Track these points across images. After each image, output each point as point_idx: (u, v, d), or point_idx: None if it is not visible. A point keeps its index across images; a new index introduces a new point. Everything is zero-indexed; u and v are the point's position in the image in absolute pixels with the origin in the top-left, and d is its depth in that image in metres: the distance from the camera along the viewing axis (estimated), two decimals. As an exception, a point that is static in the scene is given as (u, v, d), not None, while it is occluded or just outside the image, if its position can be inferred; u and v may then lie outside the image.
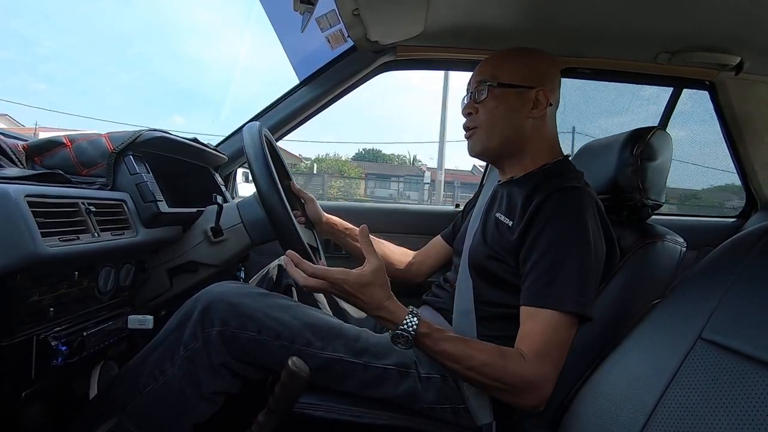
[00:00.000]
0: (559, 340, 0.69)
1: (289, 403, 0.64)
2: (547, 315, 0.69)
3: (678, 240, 0.84)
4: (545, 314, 0.69)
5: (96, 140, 0.87)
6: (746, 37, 1.01)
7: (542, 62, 0.87)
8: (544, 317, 0.69)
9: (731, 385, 0.49)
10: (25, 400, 0.65)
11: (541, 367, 0.67)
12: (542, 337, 0.69)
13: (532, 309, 0.71)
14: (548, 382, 0.68)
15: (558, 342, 0.69)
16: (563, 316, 0.69)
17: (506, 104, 0.84)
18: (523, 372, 0.67)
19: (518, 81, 0.84)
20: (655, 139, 0.88)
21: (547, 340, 0.68)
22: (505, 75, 0.85)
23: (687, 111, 1.42)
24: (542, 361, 0.68)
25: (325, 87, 1.31)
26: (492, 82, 0.85)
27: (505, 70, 0.85)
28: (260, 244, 1.00)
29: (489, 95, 0.85)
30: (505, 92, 0.84)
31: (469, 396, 0.75)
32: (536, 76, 0.84)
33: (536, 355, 0.68)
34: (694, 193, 3.53)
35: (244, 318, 0.72)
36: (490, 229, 0.85)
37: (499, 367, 0.67)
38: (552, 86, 0.86)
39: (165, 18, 60.45)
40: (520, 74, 0.84)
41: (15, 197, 0.57)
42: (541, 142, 0.87)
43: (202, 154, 1.13)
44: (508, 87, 0.84)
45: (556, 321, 0.69)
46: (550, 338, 0.68)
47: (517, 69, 0.85)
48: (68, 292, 0.69)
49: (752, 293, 0.56)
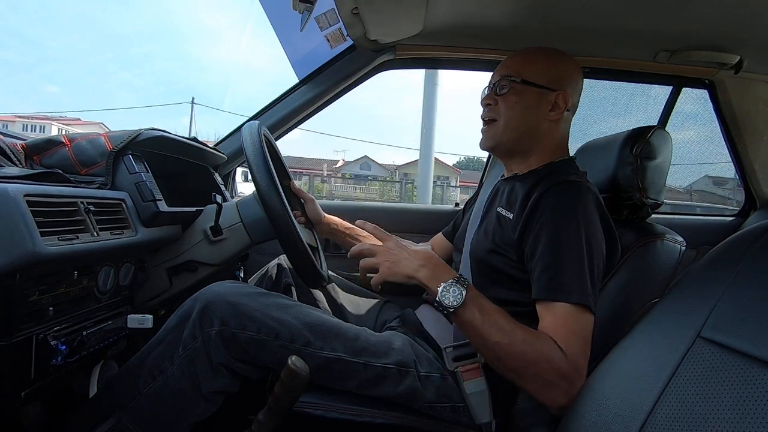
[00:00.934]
0: (581, 330, 0.68)
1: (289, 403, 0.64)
2: (563, 307, 0.68)
3: (677, 239, 0.84)
4: (560, 307, 0.69)
5: (95, 139, 0.87)
6: (745, 35, 1.01)
7: (568, 67, 0.87)
8: (562, 310, 0.68)
9: (730, 384, 0.49)
10: (25, 399, 0.65)
11: (574, 358, 0.65)
12: (565, 328, 0.67)
13: (545, 303, 0.70)
14: (580, 376, 0.66)
15: (581, 332, 0.68)
16: (576, 308, 0.68)
17: (526, 102, 0.85)
18: (558, 360, 0.65)
19: (542, 81, 0.85)
20: (655, 138, 0.88)
21: (569, 331, 0.67)
22: (530, 73, 0.85)
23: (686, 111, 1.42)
24: (573, 352, 0.65)
25: (324, 86, 1.30)
26: (516, 78, 0.85)
27: (531, 68, 0.86)
28: (259, 243, 1.00)
29: (511, 90, 0.86)
30: (527, 90, 0.85)
31: (469, 394, 0.75)
32: (560, 80, 0.85)
33: (566, 345, 0.66)
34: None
35: (243, 317, 0.72)
36: (491, 224, 0.85)
37: (537, 348, 0.65)
38: (573, 91, 0.86)
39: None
40: (544, 75, 0.85)
41: (14, 196, 0.57)
42: (551, 143, 0.87)
43: (202, 153, 1.13)
44: (531, 85, 0.85)
45: (573, 312, 0.68)
46: (573, 329, 0.67)
47: (543, 69, 0.85)
48: (67, 292, 0.69)
49: (752, 292, 0.56)
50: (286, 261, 1.08)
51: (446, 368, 0.78)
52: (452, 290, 0.67)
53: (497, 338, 0.66)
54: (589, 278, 0.70)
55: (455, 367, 0.77)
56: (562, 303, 0.68)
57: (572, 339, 0.67)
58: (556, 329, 0.68)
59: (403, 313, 1.01)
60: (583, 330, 0.68)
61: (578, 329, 0.68)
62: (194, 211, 0.99)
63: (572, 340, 0.67)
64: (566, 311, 0.68)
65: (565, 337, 0.67)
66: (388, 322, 1.02)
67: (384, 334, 0.84)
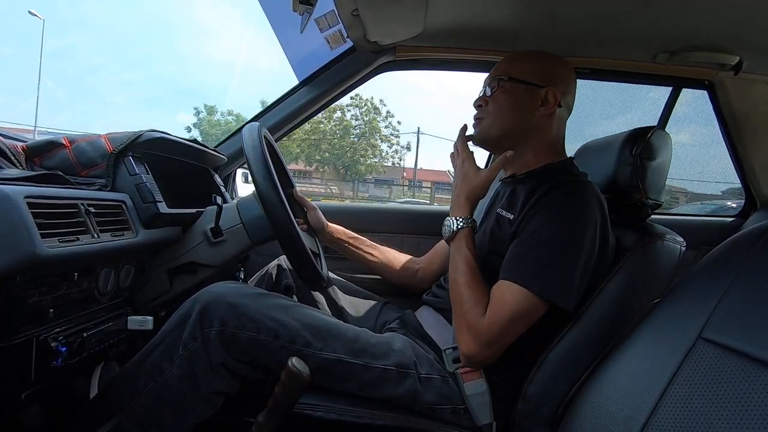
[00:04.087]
0: (514, 309, 0.71)
1: (289, 404, 0.64)
2: (510, 288, 0.72)
3: (677, 239, 0.84)
4: (508, 287, 0.72)
5: (95, 141, 0.87)
6: (745, 36, 1.01)
7: (557, 64, 0.89)
8: (506, 286, 0.73)
9: (731, 385, 0.49)
10: (25, 401, 0.65)
11: (490, 323, 0.71)
12: (498, 299, 0.72)
13: (500, 282, 0.74)
14: (487, 342, 0.71)
15: (512, 310, 0.71)
16: (527, 294, 0.71)
17: (514, 98, 0.86)
18: (474, 315, 0.73)
19: (530, 78, 0.86)
20: (655, 138, 0.88)
21: (502, 303, 0.72)
22: (517, 71, 0.87)
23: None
24: (493, 319, 0.71)
25: (324, 87, 1.31)
26: (504, 77, 0.87)
27: (518, 67, 0.87)
28: (260, 244, 1.00)
29: (499, 89, 0.87)
30: (515, 87, 0.86)
31: (469, 396, 0.75)
32: (548, 76, 0.86)
33: (491, 311, 0.72)
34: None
35: (243, 318, 0.72)
36: (491, 225, 0.86)
37: (466, 296, 0.75)
38: (564, 89, 0.87)
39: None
40: (532, 72, 0.86)
41: (14, 198, 0.57)
42: (544, 141, 0.88)
43: (202, 154, 1.13)
44: (519, 83, 0.86)
45: (515, 291, 0.71)
46: (506, 302, 0.71)
47: (530, 67, 0.87)
48: (68, 293, 0.69)
49: (752, 292, 0.56)
50: (286, 262, 1.08)
51: (446, 370, 0.78)
52: (452, 224, 0.81)
53: (453, 273, 0.79)
54: (557, 272, 0.71)
55: (455, 368, 0.77)
56: (509, 282, 0.72)
57: (501, 310, 0.71)
58: (493, 298, 0.74)
59: (403, 314, 1.01)
60: (516, 310, 0.71)
61: (511, 308, 0.71)
62: (194, 212, 0.99)
63: (500, 311, 0.71)
64: (509, 288, 0.72)
65: (496, 306, 0.72)
66: (388, 323, 1.02)
67: (384, 336, 0.84)
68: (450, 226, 0.81)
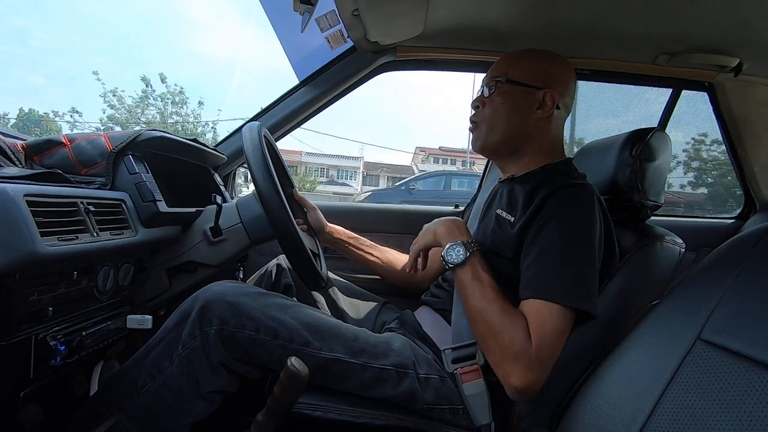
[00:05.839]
0: (556, 328, 0.68)
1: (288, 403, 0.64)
2: (546, 306, 0.68)
3: (677, 241, 0.84)
4: (543, 305, 0.69)
5: (95, 140, 0.87)
6: (745, 38, 1.01)
7: (557, 66, 0.87)
8: (540, 305, 0.69)
9: (730, 386, 0.49)
10: (24, 399, 0.65)
11: (539, 347, 0.66)
12: (539, 320, 0.68)
13: (531, 301, 0.70)
14: (541, 366, 0.66)
15: (555, 329, 0.68)
16: (562, 309, 0.68)
17: (511, 101, 0.85)
18: (521, 341, 0.66)
19: (527, 80, 0.84)
20: (654, 140, 0.88)
21: (544, 322, 0.67)
22: (515, 72, 0.86)
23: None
24: (540, 342, 0.66)
25: (324, 87, 1.31)
26: (501, 78, 0.86)
27: (516, 68, 0.86)
28: (259, 243, 1.00)
29: (497, 91, 0.86)
30: (513, 89, 0.85)
31: (468, 396, 0.75)
32: (546, 78, 0.85)
33: (536, 334, 0.67)
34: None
35: (242, 317, 0.72)
36: (490, 226, 0.85)
37: (505, 323, 0.68)
38: (562, 90, 0.86)
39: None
40: (530, 74, 0.85)
41: (14, 196, 0.57)
42: (543, 143, 0.87)
43: (202, 153, 1.13)
44: (516, 84, 0.85)
45: (553, 310, 0.68)
46: (547, 321, 0.68)
47: (528, 68, 0.85)
48: (67, 292, 0.69)
49: (751, 294, 0.56)
50: (286, 261, 1.08)
51: (445, 370, 0.78)
52: (457, 250, 0.74)
53: (475, 302, 0.71)
54: (586, 281, 0.70)
55: (454, 368, 0.77)
56: (547, 302, 0.68)
57: (545, 331, 0.67)
58: (531, 319, 0.68)
59: (402, 314, 1.01)
60: (559, 327, 0.68)
61: (553, 326, 0.67)
62: (194, 211, 0.99)
63: (544, 332, 0.67)
64: (545, 306, 0.68)
65: (538, 327, 0.67)
66: (387, 323, 1.02)
67: (383, 336, 0.84)
68: (457, 253, 0.74)
